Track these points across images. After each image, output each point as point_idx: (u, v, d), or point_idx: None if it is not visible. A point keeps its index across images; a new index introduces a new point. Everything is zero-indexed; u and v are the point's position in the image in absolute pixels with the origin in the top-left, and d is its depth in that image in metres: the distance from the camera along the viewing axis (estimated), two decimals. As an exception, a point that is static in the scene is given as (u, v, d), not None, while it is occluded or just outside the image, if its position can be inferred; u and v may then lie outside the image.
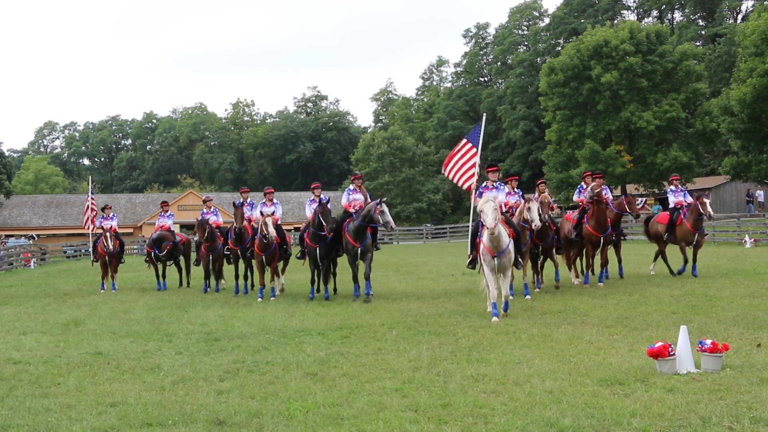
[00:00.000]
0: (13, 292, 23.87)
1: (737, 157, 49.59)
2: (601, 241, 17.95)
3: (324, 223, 17.19)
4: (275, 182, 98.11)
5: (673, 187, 20.30)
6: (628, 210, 18.77)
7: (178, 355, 10.93)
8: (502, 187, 16.49)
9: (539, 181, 18.47)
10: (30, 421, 7.61)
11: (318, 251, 17.70)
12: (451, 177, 18.39)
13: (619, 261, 19.69)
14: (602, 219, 17.84)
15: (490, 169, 17.06)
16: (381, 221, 16.84)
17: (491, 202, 12.92)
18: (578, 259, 19.37)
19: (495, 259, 13.31)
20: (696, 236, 19.10)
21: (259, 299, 18.04)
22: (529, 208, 15.97)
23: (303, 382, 8.83)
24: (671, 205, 20.07)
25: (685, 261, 19.28)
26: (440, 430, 6.76)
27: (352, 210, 17.74)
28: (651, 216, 21.87)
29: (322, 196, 18.03)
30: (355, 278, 17.59)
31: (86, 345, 12.16)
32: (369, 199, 18.03)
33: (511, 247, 13.52)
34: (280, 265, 20.12)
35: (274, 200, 19.37)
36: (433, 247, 52.22)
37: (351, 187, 18.35)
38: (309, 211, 18.09)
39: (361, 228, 17.13)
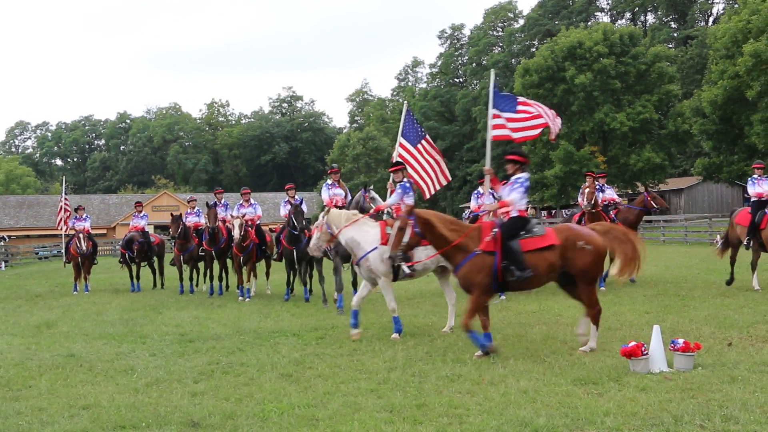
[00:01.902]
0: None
1: (709, 159, 50.19)
2: None
3: (296, 224, 16.87)
4: (250, 183, 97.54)
5: (756, 176, 16.57)
6: (655, 206, 18.29)
7: (152, 357, 10.86)
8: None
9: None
10: (0, 424, 7.53)
11: (294, 253, 17.45)
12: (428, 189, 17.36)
13: None
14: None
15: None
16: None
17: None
18: None
19: None
20: None
21: (240, 298, 18.15)
22: None
23: (278, 384, 8.80)
24: (753, 199, 16.37)
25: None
26: (415, 430, 6.77)
27: (335, 206, 16.49)
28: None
29: (296, 197, 17.87)
30: (354, 282, 16.36)
31: (58, 347, 12.04)
32: (349, 195, 17.13)
33: None
34: (262, 267, 20.17)
35: (251, 201, 19.35)
36: (408, 247, 52.19)
37: (329, 181, 17.17)
38: (284, 212, 18.00)
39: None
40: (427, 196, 17.58)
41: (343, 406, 7.66)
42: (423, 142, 17.20)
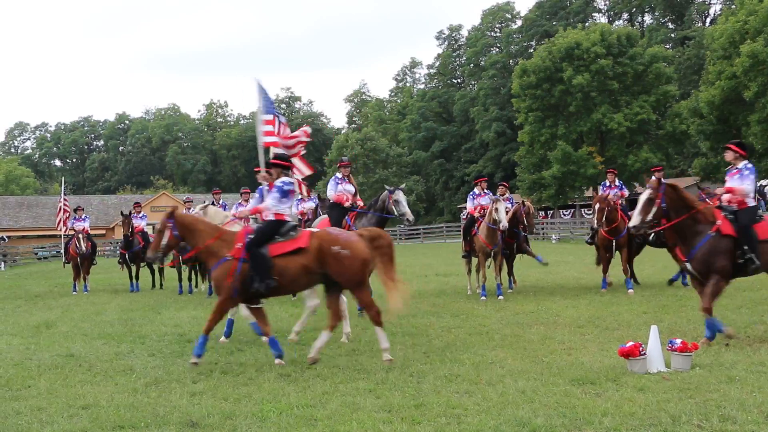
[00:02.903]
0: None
1: (706, 159, 50.24)
2: (613, 244, 16.68)
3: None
4: (249, 183, 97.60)
5: None
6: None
7: (151, 357, 10.85)
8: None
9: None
10: (0, 424, 7.52)
11: None
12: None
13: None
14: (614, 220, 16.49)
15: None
16: (396, 213, 14.42)
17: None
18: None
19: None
20: None
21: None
22: (496, 209, 16.01)
23: (277, 384, 8.79)
24: None
25: None
26: (413, 430, 6.76)
27: (348, 204, 15.09)
28: None
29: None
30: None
31: (58, 347, 12.03)
32: (358, 193, 15.78)
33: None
34: None
35: (251, 201, 19.33)
36: (406, 248, 52.25)
37: (338, 175, 15.62)
38: (295, 209, 18.07)
39: (382, 222, 14.61)
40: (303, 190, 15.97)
41: (342, 406, 7.65)
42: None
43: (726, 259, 9.90)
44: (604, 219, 16.39)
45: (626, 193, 18.22)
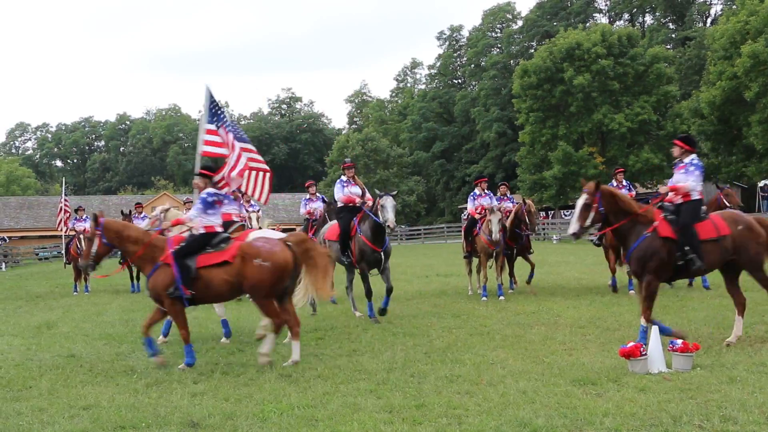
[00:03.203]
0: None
1: (707, 159, 50.16)
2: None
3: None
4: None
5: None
6: (728, 205, 16.57)
7: (152, 358, 10.87)
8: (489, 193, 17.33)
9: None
10: (1, 425, 7.53)
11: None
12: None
13: None
14: None
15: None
16: (380, 218, 13.66)
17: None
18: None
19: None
20: None
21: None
22: (490, 221, 15.99)
23: (277, 384, 8.81)
24: None
25: None
26: (414, 430, 6.78)
27: (359, 203, 14.64)
28: None
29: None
30: (369, 294, 14.30)
31: (59, 348, 12.06)
32: (368, 193, 15.10)
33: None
34: None
35: (252, 202, 19.28)
36: (407, 248, 52.30)
37: (343, 178, 15.03)
38: (303, 210, 18.46)
39: (378, 224, 13.85)
40: (262, 199, 15.14)
41: (343, 406, 7.66)
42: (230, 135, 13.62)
43: (660, 260, 9.77)
44: None
45: (634, 193, 17.90)
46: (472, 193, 17.87)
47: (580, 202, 10.05)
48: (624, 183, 17.93)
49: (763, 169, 45.91)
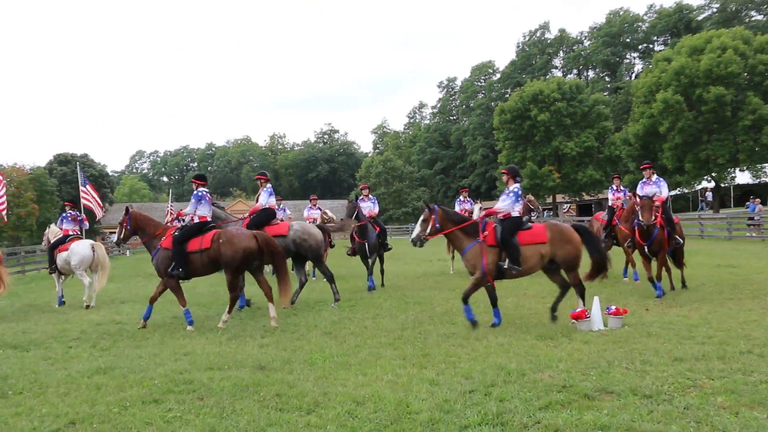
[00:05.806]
0: (115, 273, 23.80)
1: (633, 175, 50.02)
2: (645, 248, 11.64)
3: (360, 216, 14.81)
4: (300, 193, 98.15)
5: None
6: (531, 208, 15.35)
7: (231, 319, 10.94)
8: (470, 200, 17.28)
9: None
10: (128, 364, 7.64)
11: (366, 245, 14.58)
12: None
13: (681, 268, 12.65)
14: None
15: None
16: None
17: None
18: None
19: None
20: None
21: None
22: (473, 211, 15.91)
23: (321, 339, 8.85)
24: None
25: None
26: (421, 373, 6.80)
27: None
28: None
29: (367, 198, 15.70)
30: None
31: (166, 312, 12.19)
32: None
33: None
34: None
35: (318, 205, 19.08)
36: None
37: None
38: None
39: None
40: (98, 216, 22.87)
41: (369, 355, 7.69)
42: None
43: (485, 262, 9.05)
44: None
45: (630, 196, 14.55)
46: (457, 199, 18.04)
47: (422, 217, 9.52)
48: (621, 188, 15.27)
49: (673, 182, 46.05)
